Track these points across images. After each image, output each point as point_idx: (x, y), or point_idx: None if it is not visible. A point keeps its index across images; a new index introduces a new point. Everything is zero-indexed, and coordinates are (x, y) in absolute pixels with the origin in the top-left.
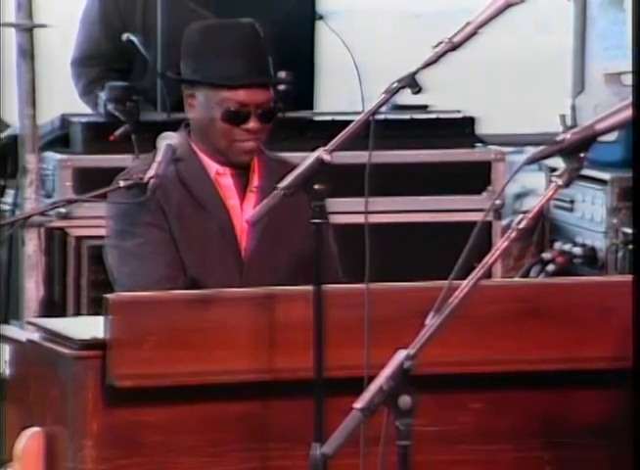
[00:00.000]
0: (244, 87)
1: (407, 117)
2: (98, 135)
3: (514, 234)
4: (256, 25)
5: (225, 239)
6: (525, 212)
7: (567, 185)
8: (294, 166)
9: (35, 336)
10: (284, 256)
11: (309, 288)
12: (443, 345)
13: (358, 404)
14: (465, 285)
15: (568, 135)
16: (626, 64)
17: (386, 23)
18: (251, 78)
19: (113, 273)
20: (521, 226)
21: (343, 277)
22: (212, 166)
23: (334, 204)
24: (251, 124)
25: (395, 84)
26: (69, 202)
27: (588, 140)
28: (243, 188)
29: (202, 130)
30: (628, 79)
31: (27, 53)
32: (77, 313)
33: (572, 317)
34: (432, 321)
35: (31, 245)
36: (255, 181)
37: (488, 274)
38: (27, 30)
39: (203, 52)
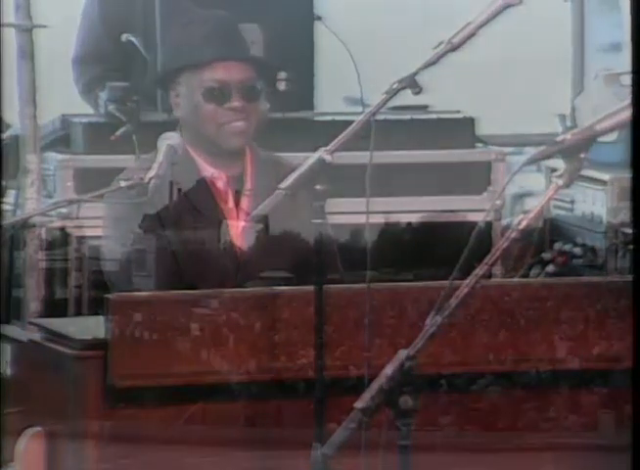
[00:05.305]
0: (219, 61)
1: (407, 117)
2: (99, 135)
3: (514, 234)
4: (230, 16)
5: (221, 243)
6: (525, 213)
7: (567, 185)
8: (288, 165)
9: (36, 336)
10: (281, 258)
11: (310, 288)
12: (444, 345)
13: (359, 404)
14: (465, 285)
15: (568, 136)
16: (625, 64)
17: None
18: (227, 53)
19: (110, 279)
20: (521, 226)
21: (345, 271)
22: (208, 170)
23: (335, 204)
24: (235, 102)
25: (396, 85)
26: (71, 202)
27: (588, 140)
28: (238, 191)
29: (190, 124)
30: (627, 80)
31: (27, 53)
32: (78, 313)
33: (572, 317)
34: (432, 321)
35: (32, 245)
36: (249, 184)
37: (488, 274)
38: (27, 31)
39: (181, 40)
